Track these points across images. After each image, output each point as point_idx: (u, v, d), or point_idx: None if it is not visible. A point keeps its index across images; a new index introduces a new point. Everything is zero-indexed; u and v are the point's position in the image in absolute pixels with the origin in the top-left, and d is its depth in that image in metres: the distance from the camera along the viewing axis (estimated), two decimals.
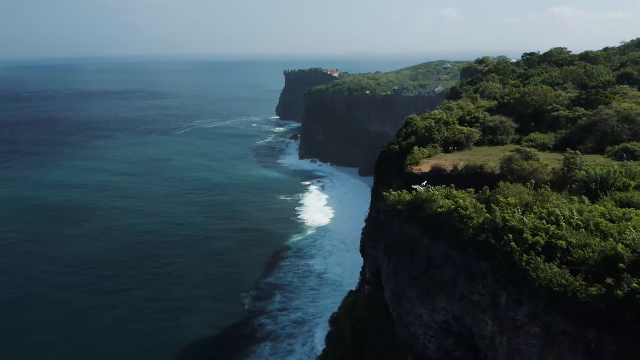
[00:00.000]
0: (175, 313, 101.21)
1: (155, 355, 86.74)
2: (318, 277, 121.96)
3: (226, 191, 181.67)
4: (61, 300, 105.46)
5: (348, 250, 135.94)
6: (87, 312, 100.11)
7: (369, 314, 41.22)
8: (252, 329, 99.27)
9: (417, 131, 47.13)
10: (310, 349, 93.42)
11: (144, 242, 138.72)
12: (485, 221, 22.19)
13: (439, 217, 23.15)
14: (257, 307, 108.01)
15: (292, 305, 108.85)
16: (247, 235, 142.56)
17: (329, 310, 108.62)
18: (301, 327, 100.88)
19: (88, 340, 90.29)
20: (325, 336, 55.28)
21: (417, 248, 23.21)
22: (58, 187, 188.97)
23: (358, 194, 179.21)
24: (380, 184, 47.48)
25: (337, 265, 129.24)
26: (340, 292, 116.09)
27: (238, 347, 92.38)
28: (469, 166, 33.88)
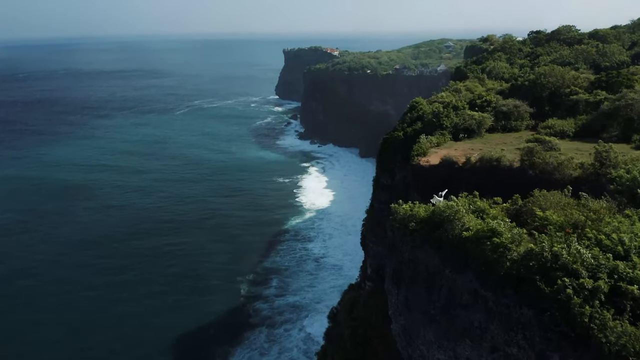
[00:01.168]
0: (171, 298, 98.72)
1: (150, 342, 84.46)
2: (316, 261, 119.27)
3: (224, 173, 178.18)
4: (57, 282, 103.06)
5: (349, 233, 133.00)
6: (83, 294, 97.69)
7: (371, 317, 37.91)
8: (248, 315, 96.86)
9: (423, 116, 43.20)
10: (306, 335, 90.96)
11: (141, 222, 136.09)
12: (529, 254, 17.09)
13: (465, 243, 18.13)
14: (253, 291, 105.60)
15: (289, 290, 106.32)
16: (244, 218, 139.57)
17: (327, 295, 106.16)
18: (298, 313, 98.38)
19: (83, 323, 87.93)
20: (324, 332, 52.32)
21: (436, 280, 18.60)
22: (55, 167, 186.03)
23: (359, 176, 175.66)
24: (383, 173, 43.80)
25: (337, 248, 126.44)
26: (339, 276, 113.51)
27: (233, 334, 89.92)
28: (483, 158, 30.12)
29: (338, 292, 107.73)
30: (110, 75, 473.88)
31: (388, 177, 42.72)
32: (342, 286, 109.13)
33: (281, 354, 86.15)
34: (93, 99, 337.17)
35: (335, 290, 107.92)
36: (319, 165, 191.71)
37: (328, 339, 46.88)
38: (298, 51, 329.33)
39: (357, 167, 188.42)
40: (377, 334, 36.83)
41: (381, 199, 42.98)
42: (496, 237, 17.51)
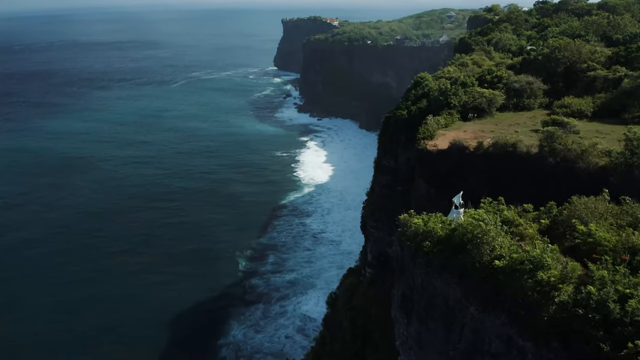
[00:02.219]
0: (168, 275, 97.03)
1: (147, 321, 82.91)
2: (313, 237, 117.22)
3: (221, 147, 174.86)
4: (54, 256, 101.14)
5: (348, 208, 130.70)
6: (78, 274, 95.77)
7: (371, 308, 35.50)
8: (244, 291, 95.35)
9: (429, 93, 39.89)
10: (302, 313, 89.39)
11: (137, 196, 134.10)
12: (585, 300, 12.90)
13: (496, 274, 14.14)
14: (250, 267, 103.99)
15: (286, 266, 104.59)
16: (241, 193, 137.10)
17: (325, 271, 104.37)
18: (294, 289, 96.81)
19: (78, 305, 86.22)
20: (323, 318, 50.21)
21: (457, 317, 14.98)
22: (54, 140, 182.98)
23: (358, 149, 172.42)
24: (385, 154, 40.76)
25: (335, 223, 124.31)
26: (338, 252, 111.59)
27: (230, 310, 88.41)
28: (497, 143, 27.06)
29: (336, 267, 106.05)
30: (107, 47, 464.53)
31: (390, 159, 39.72)
32: (340, 262, 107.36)
33: (277, 330, 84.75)
34: (90, 70, 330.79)
35: (334, 266, 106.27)
36: (318, 138, 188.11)
37: (326, 325, 44.71)
38: (297, 21, 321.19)
39: (357, 140, 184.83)
40: (377, 326, 34.47)
41: (383, 183, 40.09)
42: (541, 272, 13.43)
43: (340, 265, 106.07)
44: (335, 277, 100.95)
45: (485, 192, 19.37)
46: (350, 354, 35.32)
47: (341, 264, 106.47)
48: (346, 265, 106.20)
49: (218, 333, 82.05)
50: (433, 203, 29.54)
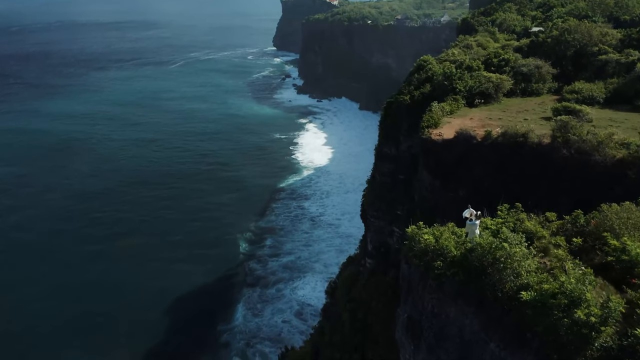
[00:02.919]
0: (167, 259, 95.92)
1: (146, 305, 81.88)
2: (311, 220, 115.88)
3: (220, 130, 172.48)
4: (53, 240, 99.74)
5: (347, 191, 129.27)
6: (76, 257, 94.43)
7: (371, 300, 34.14)
8: (244, 275, 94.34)
9: (432, 78, 37.93)
10: (300, 297, 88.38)
11: (136, 178, 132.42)
12: (632, 344, 10.57)
13: (523, 307, 11.59)
14: (249, 250, 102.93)
15: (283, 250, 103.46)
16: (239, 175, 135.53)
17: (324, 254, 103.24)
18: (291, 273, 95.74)
19: (76, 289, 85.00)
20: (322, 308, 49.01)
21: (474, 351, 12.67)
22: (52, 121, 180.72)
23: (358, 131, 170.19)
24: (386, 142, 38.99)
25: (334, 206, 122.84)
26: (336, 235, 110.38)
27: (230, 294, 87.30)
28: (507, 132, 25.30)
29: (335, 250, 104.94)
30: (105, 27, 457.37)
31: (392, 147, 37.97)
32: (339, 245, 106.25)
33: (274, 314, 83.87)
34: (88, 51, 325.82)
35: (333, 249, 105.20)
36: (317, 120, 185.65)
37: (326, 315, 43.48)
38: (296, 0, 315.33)
39: (357, 122, 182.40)
40: (378, 320, 33.17)
41: (384, 171, 38.40)
42: (579, 310, 10.93)
43: (339, 249, 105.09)
44: (334, 260, 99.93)
45: (502, 196, 17.58)
46: (350, 347, 34.11)
47: (340, 247, 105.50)
48: (345, 248, 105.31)
49: (218, 317, 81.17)
50: (437, 195, 27.98)
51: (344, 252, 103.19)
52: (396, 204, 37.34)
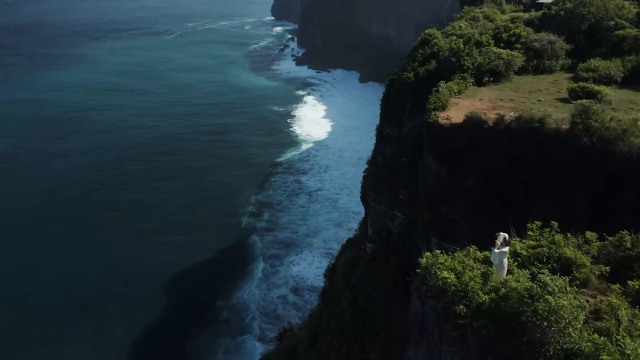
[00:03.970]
0: (165, 234, 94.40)
1: (144, 281, 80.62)
2: (309, 194, 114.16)
3: (216, 101, 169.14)
4: (47, 218, 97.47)
5: (346, 165, 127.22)
6: (72, 232, 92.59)
7: (372, 289, 32.48)
8: (242, 249, 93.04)
9: (438, 54, 35.38)
10: (296, 273, 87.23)
11: (132, 151, 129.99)
12: None
13: None
14: (249, 224, 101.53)
15: (280, 224, 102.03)
16: (236, 149, 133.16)
17: (322, 229, 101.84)
18: (287, 249, 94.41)
19: (72, 266, 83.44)
20: (320, 292, 47.59)
21: None
22: (46, 94, 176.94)
23: (358, 103, 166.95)
24: (388, 122, 36.71)
25: (333, 181, 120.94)
26: (334, 209, 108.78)
27: (227, 270, 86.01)
28: (521, 117, 23.04)
29: (334, 225, 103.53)
30: None
31: (395, 128, 35.72)
32: (338, 219, 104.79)
33: (270, 290, 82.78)
34: (83, 22, 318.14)
35: (331, 224, 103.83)
36: (316, 92, 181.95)
37: (324, 299, 41.99)
38: None
39: (357, 93, 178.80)
40: (379, 310, 31.57)
41: (385, 153, 36.25)
42: None
43: (337, 223, 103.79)
44: (333, 235, 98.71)
45: (532, 214, 15.39)
46: (350, 337, 32.65)
47: (339, 222, 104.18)
48: (344, 223, 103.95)
49: (218, 293, 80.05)
50: (444, 183, 25.92)
51: (342, 227, 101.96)
52: (398, 188, 35.34)
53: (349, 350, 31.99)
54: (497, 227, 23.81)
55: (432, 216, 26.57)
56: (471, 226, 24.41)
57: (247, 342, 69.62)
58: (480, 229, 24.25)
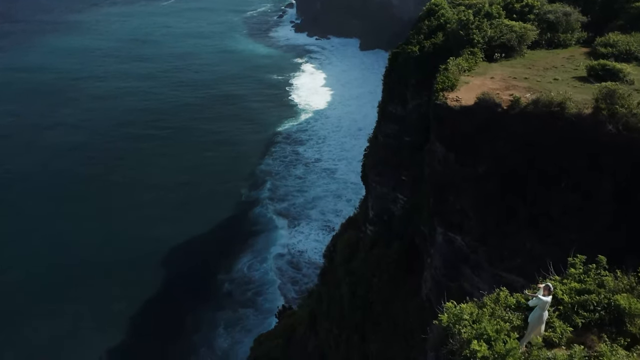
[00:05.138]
0: (164, 207, 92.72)
1: (142, 257, 79.21)
2: (306, 165, 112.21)
3: (214, 70, 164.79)
4: (38, 193, 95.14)
5: (345, 136, 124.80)
6: (67, 207, 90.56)
7: (373, 277, 30.91)
8: (239, 221, 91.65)
9: (445, 25, 32.73)
10: (294, 245, 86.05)
11: (128, 123, 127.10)
12: None
13: None
14: (245, 197, 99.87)
15: (278, 195, 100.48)
16: (234, 118, 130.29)
17: (320, 201, 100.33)
18: (285, 221, 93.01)
19: (67, 240, 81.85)
20: (319, 272, 46.17)
21: None
22: (39, 64, 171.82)
23: (358, 72, 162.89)
24: (391, 99, 34.38)
25: (331, 151, 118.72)
26: (332, 180, 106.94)
27: (224, 243, 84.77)
28: (539, 101, 20.81)
29: (333, 196, 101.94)
30: None
31: (398, 105, 33.40)
32: (336, 190, 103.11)
33: (269, 263, 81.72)
34: None
35: (330, 195, 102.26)
36: (315, 60, 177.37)
37: (323, 280, 40.58)
38: None
39: (357, 61, 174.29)
40: (380, 299, 30.06)
41: (388, 132, 34.05)
42: None
43: (336, 194, 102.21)
44: (331, 208, 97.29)
45: (573, 247, 13.22)
46: (350, 325, 31.27)
47: (337, 193, 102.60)
48: (343, 194, 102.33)
49: (219, 266, 78.94)
50: (451, 170, 23.87)
51: (341, 198, 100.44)
52: (401, 169, 33.33)
53: (348, 339, 30.66)
54: (509, 220, 21.97)
55: (438, 205, 24.66)
56: (480, 218, 22.55)
57: (249, 316, 69.00)
58: (491, 221, 22.46)
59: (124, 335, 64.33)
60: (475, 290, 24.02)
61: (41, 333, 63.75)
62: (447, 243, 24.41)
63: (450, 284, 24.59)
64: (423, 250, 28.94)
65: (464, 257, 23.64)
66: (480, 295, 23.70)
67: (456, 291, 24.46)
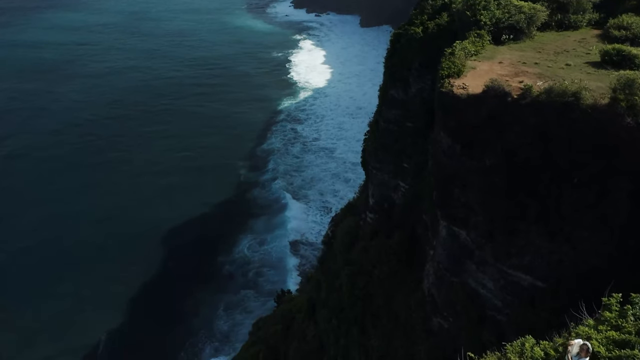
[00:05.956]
0: (162, 187, 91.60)
1: (140, 236, 78.59)
2: (304, 144, 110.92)
3: (212, 47, 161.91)
4: (35, 173, 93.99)
5: (344, 114, 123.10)
6: (64, 186, 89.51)
7: (373, 268, 29.87)
8: (239, 202, 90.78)
9: (450, 5, 30.94)
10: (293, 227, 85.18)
11: (125, 102, 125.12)
12: None
13: None
14: (249, 178, 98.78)
15: (277, 175, 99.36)
16: (233, 95, 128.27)
17: (318, 180, 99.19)
18: (283, 201, 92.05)
19: (65, 220, 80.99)
20: (318, 258, 45.21)
21: None
22: (37, 40, 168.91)
23: (358, 49, 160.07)
24: (393, 83, 32.79)
25: (330, 130, 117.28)
26: (331, 159, 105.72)
27: (224, 224, 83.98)
28: (552, 90, 19.33)
29: (330, 176, 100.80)
30: None
31: (400, 89, 31.83)
32: (334, 170, 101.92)
33: (267, 245, 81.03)
34: None
35: (328, 175, 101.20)
36: (314, 37, 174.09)
37: (322, 268, 39.64)
38: None
39: (357, 38, 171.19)
40: (380, 291, 29.08)
41: (389, 117, 32.58)
42: None
43: (334, 174, 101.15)
44: (329, 188, 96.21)
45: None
46: (349, 316, 30.37)
47: (335, 172, 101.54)
48: (341, 173, 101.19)
49: (219, 248, 78.19)
50: (457, 162, 22.51)
51: (339, 177, 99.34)
52: (403, 156, 32.00)
53: (348, 332, 29.80)
54: (518, 216, 20.71)
55: (442, 198, 23.41)
56: (487, 213, 21.31)
57: (250, 298, 68.53)
58: (498, 217, 21.24)
59: (123, 317, 63.95)
60: (480, 287, 23.05)
61: (41, 315, 63.40)
62: (451, 237, 23.25)
63: (454, 279, 23.54)
64: (424, 240, 27.84)
65: (468, 253, 22.51)
66: (485, 292, 22.75)
67: (460, 287, 23.45)
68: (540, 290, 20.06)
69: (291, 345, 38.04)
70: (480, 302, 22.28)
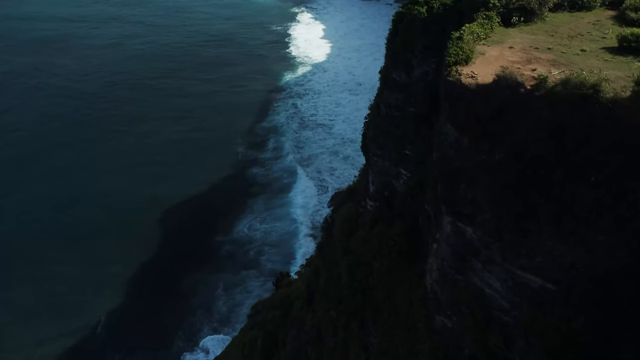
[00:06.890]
0: (160, 165, 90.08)
1: (137, 215, 77.58)
2: (302, 119, 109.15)
3: (209, 20, 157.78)
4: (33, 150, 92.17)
5: (342, 90, 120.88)
6: (62, 164, 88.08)
7: (374, 259, 28.74)
8: (238, 180, 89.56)
9: None
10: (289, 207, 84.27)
11: (122, 79, 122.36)
12: None
13: None
14: (249, 156, 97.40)
15: (277, 153, 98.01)
16: (231, 72, 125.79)
17: (315, 157, 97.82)
18: (282, 181, 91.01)
19: (64, 198, 79.91)
20: (316, 245, 44.12)
21: None
22: (31, 13, 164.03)
23: (357, 22, 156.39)
24: (395, 66, 30.99)
25: (327, 106, 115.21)
26: (329, 136, 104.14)
27: (222, 203, 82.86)
28: (569, 82, 17.75)
29: (328, 153, 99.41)
30: None
31: (402, 72, 30.09)
32: (332, 147, 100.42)
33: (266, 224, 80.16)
34: None
35: (326, 152, 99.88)
36: (313, 10, 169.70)
37: (321, 255, 38.59)
38: None
39: (357, 11, 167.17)
40: (381, 284, 28.02)
41: (391, 102, 30.92)
42: None
43: (333, 151, 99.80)
44: (327, 165, 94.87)
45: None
46: (349, 310, 29.40)
47: (333, 149, 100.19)
48: (340, 151, 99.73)
49: (219, 227, 77.38)
50: (464, 155, 21.06)
51: (337, 155, 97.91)
52: (405, 143, 30.50)
53: (347, 325, 28.89)
54: (529, 216, 19.40)
55: (447, 192, 22.01)
56: (495, 211, 19.95)
57: (250, 278, 68.03)
58: (507, 215, 19.89)
59: (121, 297, 63.47)
60: (486, 286, 21.93)
61: (39, 295, 62.78)
62: (456, 234, 21.98)
63: (459, 277, 22.37)
64: (427, 232, 26.66)
65: (474, 251, 21.27)
66: (491, 293, 21.62)
67: (464, 286, 22.32)
68: (551, 292, 18.96)
69: (289, 333, 37.36)
70: (485, 302, 21.17)
